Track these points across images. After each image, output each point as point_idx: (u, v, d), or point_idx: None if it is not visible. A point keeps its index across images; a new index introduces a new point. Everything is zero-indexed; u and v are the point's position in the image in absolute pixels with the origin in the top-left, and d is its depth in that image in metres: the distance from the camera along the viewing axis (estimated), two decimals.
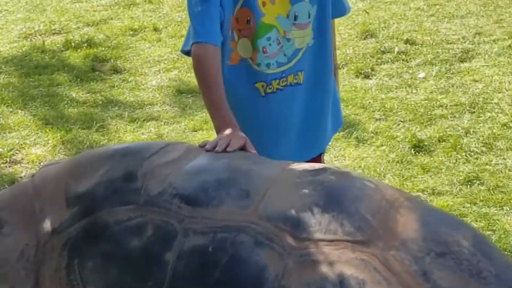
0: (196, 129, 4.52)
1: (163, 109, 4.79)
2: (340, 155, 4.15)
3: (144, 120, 4.61)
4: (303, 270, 1.58)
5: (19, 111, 4.71)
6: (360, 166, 3.96)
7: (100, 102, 4.86)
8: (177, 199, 1.75)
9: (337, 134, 3.98)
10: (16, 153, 4.18)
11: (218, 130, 2.12)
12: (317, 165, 1.86)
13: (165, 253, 1.69)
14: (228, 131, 2.07)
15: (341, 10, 2.54)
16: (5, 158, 4.11)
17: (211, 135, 4.39)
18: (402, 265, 1.57)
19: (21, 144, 4.26)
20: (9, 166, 4.05)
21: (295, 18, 2.36)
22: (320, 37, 2.44)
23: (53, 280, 1.82)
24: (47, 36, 6.12)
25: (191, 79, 5.24)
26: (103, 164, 1.89)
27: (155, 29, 6.20)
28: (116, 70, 5.41)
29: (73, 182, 1.90)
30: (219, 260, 1.64)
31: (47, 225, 1.87)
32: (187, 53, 2.36)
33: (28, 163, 4.06)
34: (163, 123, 4.58)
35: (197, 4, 2.25)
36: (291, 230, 1.64)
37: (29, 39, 6.06)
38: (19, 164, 4.07)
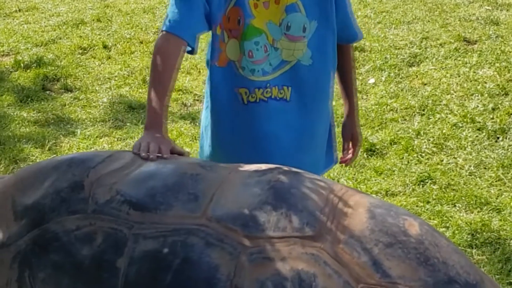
0: None
1: (115, 125, 4.76)
2: None
3: (97, 137, 4.58)
4: (254, 268, 1.59)
5: None
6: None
7: (52, 121, 4.82)
8: (126, 205, 1.75)
9: None
10: None
11: (146, 128, 2.09)
12: (264, 166, 1.87)
13: (116, 260, 1.68)
14: (150, 132, 2.05)
15: (353, 36, 2.43)
16: None
17: None
18: (351, 257, 1.59)
19: None
20: None
21: (288, 28, 2.24)
22: (320, 58, 2.32)
23: None
24: None
25: (143, 94, 5.22)
26: (49, 176, 1.87)
27: (105, 47, 6.17)
28: (67, 89, 5.36)
29: (19, 195, 1.88)
30: (171, 264, 1.64)
31: None
32: None
33: None
34: (116, 139, 4.56)
35: None
36: (241, 229, 1.65)
37: None
38: None
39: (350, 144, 2.59)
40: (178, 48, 2.15)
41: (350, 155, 2.58)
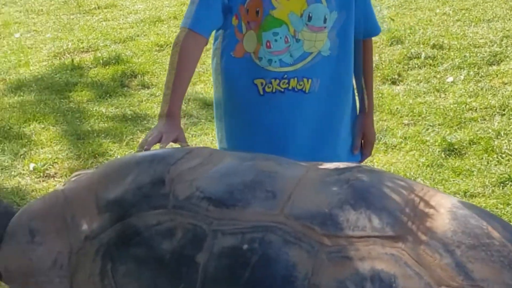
0: None
1: (190, 122, 4.82)
2: (368, 161, 4.11)
3: None
4: (332, 267, 1.58)
5: (51, 127, 4.77)
6: (389, 171, 3.94)
7: (130, 117, 4.92)
8: (205, 202, 1.77)
9: None
10: (50, 167, 4.23)
11: (160, 115, 2.22)
12: (342, 164, 1.86)
13: (196, 255, 1.70)
14: (164, 122, 2.17)
15: (373, 30, 2.45)
16: (38, 173, 4.17)
17: None
18: (433, 259, 1.56)
19: (54, 159, 4.31)
20: (43, 181, 4.10)
21: (309, 19, 2.26)
22: (339, 49, 2.32)
23: (87, 286, 1.84)
24: (76, 54, 6.20)
25: None
26: (131, 171, 1.91)
27: None
28: (144, 85, 5.46)
29: (103, 189, 1.92)
30: (249, 260, 1.65)
31: (79, 232, 1.89)
32: None
33: (61, 177, 4.11)
34: (191, 135, 4.61)
35: None
36: (319, 228, 1.64)
37: (58, 58, 6.15)
38: (52, 178, 4.12)
39: (362, 143, 2.54)
40: (199, 45, 2.25)
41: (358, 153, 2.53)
